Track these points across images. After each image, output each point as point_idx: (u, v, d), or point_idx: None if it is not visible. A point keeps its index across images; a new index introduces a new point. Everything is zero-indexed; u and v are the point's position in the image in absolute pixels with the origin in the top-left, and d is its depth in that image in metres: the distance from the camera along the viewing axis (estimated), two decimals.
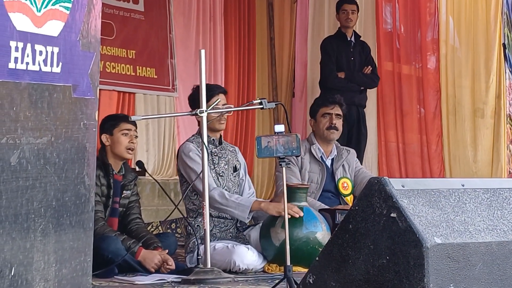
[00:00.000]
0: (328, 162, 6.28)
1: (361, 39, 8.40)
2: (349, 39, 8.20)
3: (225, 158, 5.60)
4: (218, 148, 5.57)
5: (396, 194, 2.83)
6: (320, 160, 6.23)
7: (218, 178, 5.50)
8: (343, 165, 6.29)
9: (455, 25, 9.04)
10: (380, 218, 2.82)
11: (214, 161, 5.52)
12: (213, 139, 5.54)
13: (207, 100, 5.19)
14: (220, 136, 5.66)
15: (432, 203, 2.90)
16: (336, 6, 8.34)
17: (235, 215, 5.37)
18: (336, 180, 6.23)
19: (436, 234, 2.77)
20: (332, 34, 8.49)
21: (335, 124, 6.26)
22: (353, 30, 8.32)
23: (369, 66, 8.18)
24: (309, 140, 6.34)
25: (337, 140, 6.41)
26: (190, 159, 5.39)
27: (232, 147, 5.79)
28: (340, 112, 6.35)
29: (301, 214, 5.21)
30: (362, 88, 8.21)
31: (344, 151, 6.36)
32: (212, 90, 5.44)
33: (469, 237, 2.86)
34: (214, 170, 5.48)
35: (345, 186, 6.24)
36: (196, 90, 5.34)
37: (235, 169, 5.64)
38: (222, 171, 5.54)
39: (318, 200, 6.06)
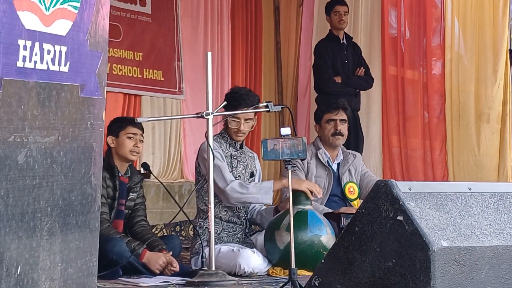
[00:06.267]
0: (335, 167, 6.28)
1: (353, 40, 8.32)
2: (341, 41, 8.11)
3: (244, 163, 5.59)
4: (238, 152, 5.56)
5: (402, 197, 2.82)
6: (327, 164, 6.23)
7: None
8: (349, 170, 6.29)
9: (461, 30, 9.03)
10: (386, 221, 2.82)
11: (233, 164, 5.50)
12: (234, 142, 5.53)
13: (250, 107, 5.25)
14: (242, 140, 5.65)
15: (439, 206, 2.90)
16: (327, 8, 8.21)
17: (260, 200, 5.38)
18: (343, 184, 6.23)
19: (442, 237, 2.77)
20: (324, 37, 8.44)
21: (340, 130, 6.25)
22: (344, 32, 8.20)
23: (362, 68, 8.09)
24: (315, 144, 6.33)
25: None
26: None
27: (251, 152, 5.76)
28: (344, 117, 6.33)
29: (321, 195, 5.38)
30: (357, 91, 8.14)
31: (350, 156, 6.36)
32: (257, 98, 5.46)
33: (476, 240, 2.86)
34: (231, 173, 5.46)
35: (352, 190, 6.24)
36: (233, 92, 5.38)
37: (252, 175, 5.63)
38: (239, 175, 5.52)
39: (325, 204, 6.06)
